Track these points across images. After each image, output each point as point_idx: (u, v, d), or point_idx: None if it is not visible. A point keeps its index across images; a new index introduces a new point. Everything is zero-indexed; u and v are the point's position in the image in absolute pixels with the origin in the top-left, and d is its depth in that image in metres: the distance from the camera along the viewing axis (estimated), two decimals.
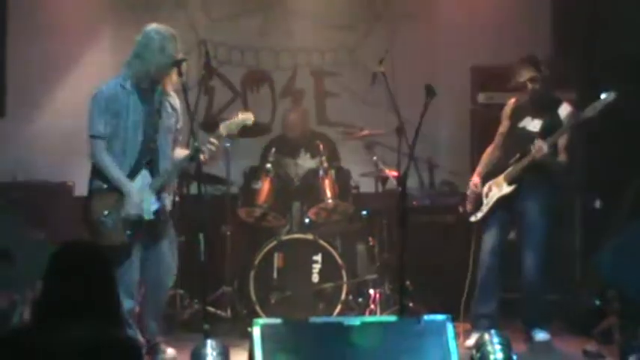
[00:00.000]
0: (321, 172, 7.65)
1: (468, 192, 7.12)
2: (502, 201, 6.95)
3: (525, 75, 6.92)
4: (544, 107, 6.95)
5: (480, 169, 7.19)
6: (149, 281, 6.34)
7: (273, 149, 7.89)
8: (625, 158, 7.97)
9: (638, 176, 7.70)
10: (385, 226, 7.89)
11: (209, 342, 5.47)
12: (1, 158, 8.63)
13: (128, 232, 6.02)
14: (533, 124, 6.96)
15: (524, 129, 6.98)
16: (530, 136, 6.87)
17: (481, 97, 8.38)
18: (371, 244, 8.00)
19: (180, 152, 6.31)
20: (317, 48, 9.50)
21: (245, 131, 6.55)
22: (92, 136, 6.06)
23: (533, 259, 6.92)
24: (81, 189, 7.08)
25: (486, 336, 5.53)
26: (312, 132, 8.65)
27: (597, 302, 7.44)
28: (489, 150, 7.24)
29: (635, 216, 7.30)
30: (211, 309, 7.25)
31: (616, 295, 7.00)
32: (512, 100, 7.17)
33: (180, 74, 6.00)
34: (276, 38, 9.43)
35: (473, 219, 7.05)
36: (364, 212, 8.07)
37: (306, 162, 8.19)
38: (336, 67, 9.50)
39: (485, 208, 6.99)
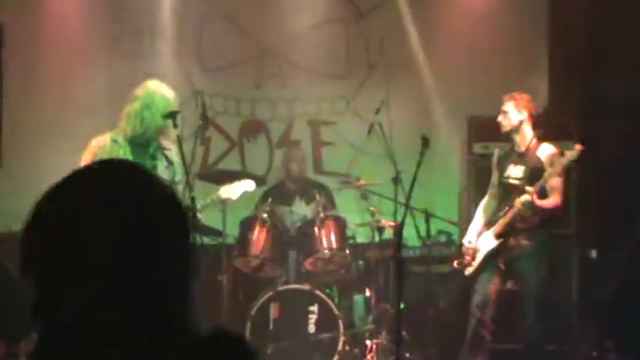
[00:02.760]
0: (317, 222, 7.65)
1: (463, 249, 6.96)
2: (492, 254, 6.79)
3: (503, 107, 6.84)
4: (525, 151, 6.82)
5: (478, 223, 6.99)
6: None
7: (270, 199, 7.89)
8: (620, 207, 7.96)
9: (635, 225, 7.69)
10: (382, 275, 7.86)
11: None
12: None
13: None
14: (516, 171, 6.78)
15: (508, 177, 6.83)
16: (514, 185, 6.74)
17: (477, 147, 8.34)
18: (368, 294, 7.95)
19: None
20: (313, 98, 9.51)
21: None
22: None
23: (531, 310, 6.81)
24: None
25: None
26: (309, 180, 8.66)
27: (594, 353, 7.40)
28: (485, 202, 7.09)
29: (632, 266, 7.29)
30: None
31: (613, 346, 6.96)
32: (497, 150, 7.12)
33: (175, 126, 5.96)
34: (272, 88, 9.46)
35: (467, 273, 6.93)
36: (361, 262, 8.04)
37: (300, 209, 8.20)
38: (332, 116, 9.50)
39: (475, 263, 6.88)
